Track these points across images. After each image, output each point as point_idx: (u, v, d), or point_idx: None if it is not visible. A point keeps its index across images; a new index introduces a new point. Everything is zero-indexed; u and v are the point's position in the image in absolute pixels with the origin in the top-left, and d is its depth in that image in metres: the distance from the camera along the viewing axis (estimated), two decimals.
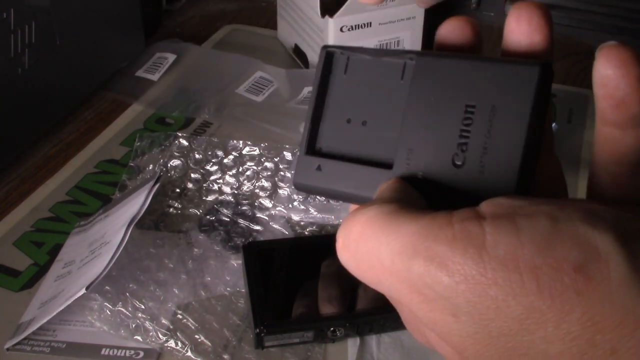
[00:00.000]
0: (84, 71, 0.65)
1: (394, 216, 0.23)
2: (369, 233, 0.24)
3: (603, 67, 0.25)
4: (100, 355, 0.43)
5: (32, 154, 0.60)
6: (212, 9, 0.86)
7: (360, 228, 0.24)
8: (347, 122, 0.30)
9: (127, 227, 0.45)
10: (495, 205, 0.23)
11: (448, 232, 0.22)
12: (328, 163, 0.29)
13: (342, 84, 0.30)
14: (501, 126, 0.26)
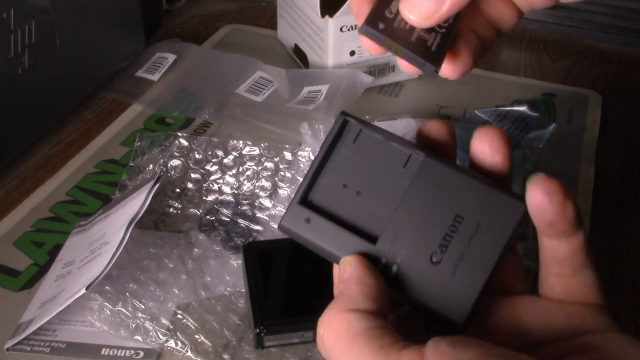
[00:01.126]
0: (84, 71, 0.65)
1: (358, 339, 0.27)
2: (339, 345, 0.28)
3: (533, 195, 0.29)
4: (100, 355, 0.43)
5: (32, 154, 0.60)
6: (212, 9, 0.86)
7: (333, 337, 0.28)
8: (343, 187, 0.32)
9: (127, 227, 0.45)
10: (438, 354, 0.26)
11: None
12: (317, 219, 0.32)
13: (348, 152, 0.32)
14: (480, 242, 0.30)
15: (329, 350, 0.28)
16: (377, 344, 0.27)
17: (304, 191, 0.32)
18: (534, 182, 0.29)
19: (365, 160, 0.32)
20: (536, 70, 0.74)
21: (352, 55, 0.67)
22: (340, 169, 0.32)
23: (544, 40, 0.80)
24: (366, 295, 0.29)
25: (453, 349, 0.26)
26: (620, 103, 0.70)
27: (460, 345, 0.26)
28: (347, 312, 0.28)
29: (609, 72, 0.75)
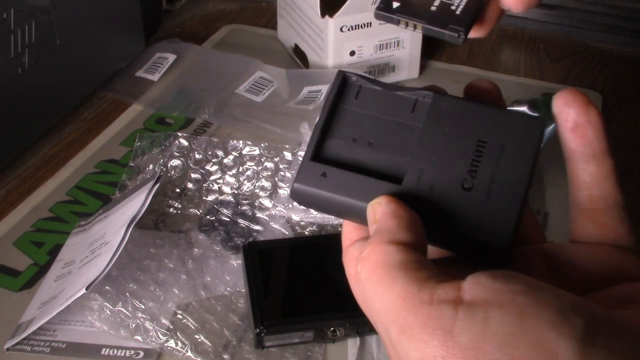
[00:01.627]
0: (84, 71, 0.65)
1: (393, 271, 0.26)
2: (373, 280, 0.26)
3: (557, 101, 0.29)
4: (100, 355, 0.43)
5: (32, 154, 0.60)
6: (212, 9, 0.86)
7: (370, 270, 0.27)
8: (353, 141, 0.30)
9: (127, 227, 0.45)
10: (477, 286, 0.25)
11: (425, 310, 0.25)
12: (334, 171, 0.29)
13: (352, 107, 0.31)
14: (508, 162, 0.28)
15: (363, 285, 0.27)
16: (413, 276, 0.26)
17: (315, 146, 0.30)
18: (558, 92, 0.29)
19: (370, 112, 0.31)
20: (536, 70, 0.74)
21: (352, 55, 0.67)
22: (347, 125, 0.31)
23: (544, 40, 0.80)
24: (404, 227, 0.27)
25: (494, 281, 0.25)
26: (620, 103, 0.70)
27: (502, 278, 0.25)
28: (385, 245, 0.27)
29: (609, 72, 0.75)
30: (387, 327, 0.26)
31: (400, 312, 0.25)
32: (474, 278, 0.25)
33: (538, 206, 0.54)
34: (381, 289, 0.26)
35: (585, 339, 0.22)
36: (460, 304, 0.24)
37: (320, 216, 0.53)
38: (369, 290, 0.27)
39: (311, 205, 0.30)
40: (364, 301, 0.27)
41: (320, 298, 0.45)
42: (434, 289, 0.25)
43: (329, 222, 0.53)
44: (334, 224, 0.53)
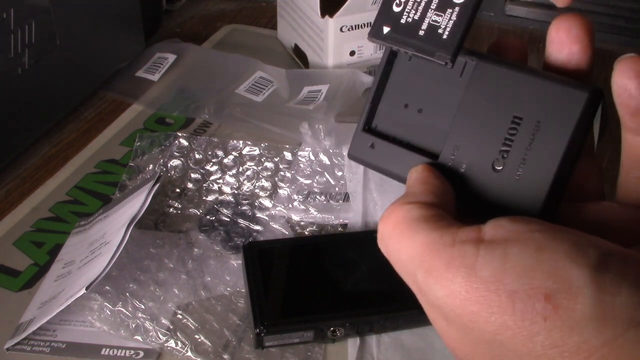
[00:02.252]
0: (84, 71, 0.65)
1: (414, 223, 0.27)
2: (395, 234, 0.28)
3: (620, 77, 0.28)
4: (100, 355, 0.43)
5: (32, 154, 0.60)
6: (212, 9, 0.86)
7: (391, 226, 0.28)
8: (405, 107, 0.32)
9: (127, 227, 0.45)
10: (497, 227, 0.26)
11: (448, 251, 0.26)
12: (381, 143, 0.32)
13: (405, 71, 0.32)
14: (542, 142, 0.28)
15: (386, 241, 0.28)
16: (434, 225, 0.27)
17: (366, 118, 0.32)
18: (622, 61, 0.27)
19: (423, 76, 0.31)
20: None
21: (352, 55, 0.67)
22: (400, 90, 0.32)
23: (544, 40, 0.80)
24: (429, 192, 0.29)
25: (513, 222, 0.26)
26: None
27: (522, 220, 0.26)
28: (406, 204, 0.28)
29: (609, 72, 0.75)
30: (414, 274, 0.27)
31: (425, 257, 0.26)
32: (495, 221, 0.26)
33: None
34: (405, 240, 0.27)
35: (598, 267, 0.24)
36: (481, 243, 0.26)
37: (320, 216, 0.53)
38: (392, 245, 0.28)
39: (365, 166, 0.33)
40: (389, 256, 0.28)
41: (320, 298, 0.45)
42: (455, 233, 0.26)
43: (329, 222, 0.53)
44: (334, 224, 0.53)
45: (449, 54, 0.29)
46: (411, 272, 0.27)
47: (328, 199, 0.54)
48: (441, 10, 0.29)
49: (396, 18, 0.30)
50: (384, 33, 0.31)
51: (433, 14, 0.29)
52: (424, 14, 0.30)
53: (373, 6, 0.64)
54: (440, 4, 0.29)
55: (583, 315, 0.23)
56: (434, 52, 0.29)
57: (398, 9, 0.30)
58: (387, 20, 0.30)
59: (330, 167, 0.57)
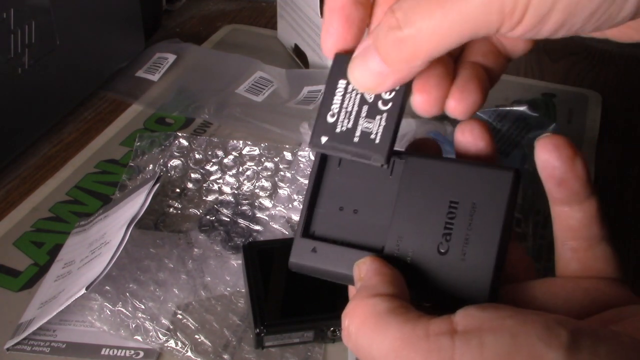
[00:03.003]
0: (84, 71, 0.65)
1: (384, 317, 0.27)
2: (365, 329, 0.27)
3: (541, 152, 0.30)
4: (100, 355, 0.43)
5: (32, 154, 0.60)
6: (212, 9, 0.86)
7: (358, 323, 0.28)
8: (340, 210, 0.33)
9: (127, 227, 0.45)
10: (468, 317, 0.26)
11: (424, 344, 0.26)
12: (323, 246, 0.32)
13: (336, 176, 0.33)
14: (480, 220, 0.30)
15: (355, 338, 0.28)
16: (403, 318, 0.27)
17: (304, 224, 0.33)
18: (541, 140, 0.29)
19: (353, 179, 0.33)
20: (536, 70, 0.74)
21: None
22: (333, 194, 0.33)
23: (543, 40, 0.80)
24: (386, 282, 0.29)
25: (482, 310, 0.26)
26: (620, 103, 0.70)
27: (490, 307, 0.26)
28: (370, 298, 0.28)
29: (609, 72, 0.75)
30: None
31: (401, 352, 0.26)
32: (464, 311, 0.26)
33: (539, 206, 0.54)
34: (376, 336, 0.27)
35: (571, 347, 0.24)
36: (455, 334, 0.25)
37: None
38: (362, 341, 0.27)
39: (311, 274, 0.33)
40: (358, 353, 0.28)
41: (320, 298, 0.45)
42: (427, 324, 0.26)
43: None
44: None
45: (383, 156, 0.31)
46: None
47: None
48: (371, 117, 0.32)
49: (332, 128, 0.32)
50: (322, 142, 0.32)
51: (364, 122, 0.32)
52: (356, 122, 0.32)
53: None
54: (370, 113, 0.32)
55: None
56: (370, 156, 0.31)
57: (332, 120, 0.32)
58: (324, 131, 0.32)
59: None
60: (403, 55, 0.28)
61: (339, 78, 0.32)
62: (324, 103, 0.33)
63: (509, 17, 0.26)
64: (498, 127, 0.60)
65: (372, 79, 0.30)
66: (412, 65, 0.29)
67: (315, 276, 0.33)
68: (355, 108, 0.32)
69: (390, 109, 0.32)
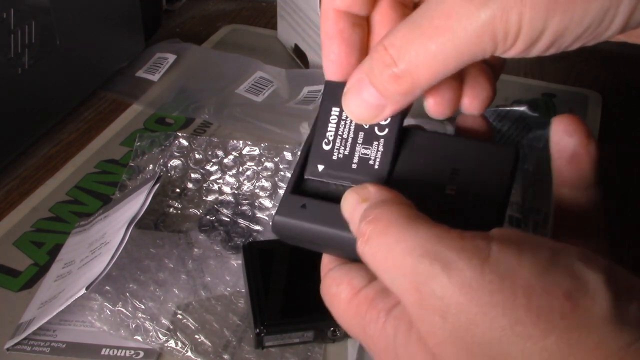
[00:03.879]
0: (84, 71, 0.65)
1: (412, 220, 0.26)
2: (391, 231, 0.26)
3: (556, 128, 0.29)
4: (100, 355, 0.43)
5: (32, 154, 0.60)
6: (212, 9, 0.86)
7: (384, 225, 0.26)
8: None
9: (127, 227, 0.45)
10: (505, 232, 0.26)
11: (458, 242, 0.25)
12: (313, 202, 0.31)
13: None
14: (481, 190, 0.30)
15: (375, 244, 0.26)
16: (434, 223, 0.26)
17: (295, 180, 0.32)
18: (558, 117, 0.29)
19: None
20: (536, 70, 0.74)
21: None
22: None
23: None
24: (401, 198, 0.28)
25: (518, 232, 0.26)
26: (620, 103, 0.70)
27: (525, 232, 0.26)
28: (394, 205, 0.27)
29: (609, 72, 0.75)
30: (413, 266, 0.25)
31: (430, 248, 0.25)
32: (500, 229, 0.26)
33: (538, 206, 0.54)
34: (402, 237, 0.26)
35: (609, 274, 0.24)
36: (492, 240, 0.25)
37: None
38: (383, 245, 0.26)
39: (292, 238, 0.31)
40: (372, 257, 0.27)
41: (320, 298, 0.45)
42: (462, 232, 0.25)
43: None
44: None
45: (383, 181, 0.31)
46: (406, 266, 0.25)
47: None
48: (368, 143, 0.31)
49: (328, 155, 0.32)
50: (319, 171, 0.31)
51: (362, 148, 0.31)
52: (353, 149, 0.32)
53: None
54: (366, 139, 0.31)
55: (600, 317, 0.23)
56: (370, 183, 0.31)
57: (328, 147, 0.32)
58: (320, 159, 0.32)
59: None
60: (401, 89, 0.28)
61: (332, 105, 0.32)
62: (318, 131, 0.32)
63: (502, 43, 0.26)
64: (498, 127, 0.60)
65: (369, 110, 0.30)
66: (411, 96, 0.29)
67: (301, 241, 0.31)
68: (351, 135, 0.32)
69: (387, 135, 0.31)
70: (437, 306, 0.24)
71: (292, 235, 0.31)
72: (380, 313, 0.28)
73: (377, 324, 0.28)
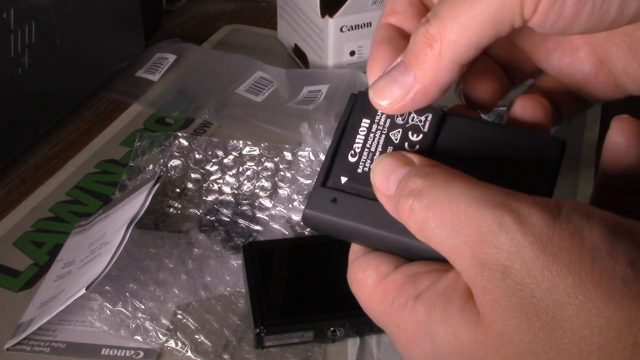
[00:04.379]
0: (84, 71, 0.65)
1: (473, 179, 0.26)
2: (454, 183, 0.25)
3: (616, 135, 0.29)
4: (100, 355, 0.43)
5: (32, 154, 0.60)
6: (212, 9, 0.86)
7: (444, 177, 0.26)
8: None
9: (127, 227, 0.45)
10: (572, 201, 0.25)
11: (530, 199, 0.24)
12: (345, 196, 0.30)
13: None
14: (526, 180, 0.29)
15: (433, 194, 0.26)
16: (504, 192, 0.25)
17: (325, 172, 0.31)
18: (617, 121, 0.29)
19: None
20: None
21: (352, 55, 0.67)
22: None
23: None
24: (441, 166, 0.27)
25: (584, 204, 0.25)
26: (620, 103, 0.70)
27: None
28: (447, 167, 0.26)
29: None
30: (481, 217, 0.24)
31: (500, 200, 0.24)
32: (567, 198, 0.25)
33: None
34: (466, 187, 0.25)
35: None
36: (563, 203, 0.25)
37: None
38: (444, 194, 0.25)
39: (323, 230, 0.30)
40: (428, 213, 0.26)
41: (320, 298, 0.45)
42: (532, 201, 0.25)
43: None
44: None
45: None
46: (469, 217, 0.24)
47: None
48: None
49: (353, 168, 0.30)
50: (342, 183, 0.30)
51: None
52: None
53: (373, 6, 0.64)
54: None
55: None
56: None
57: (353, 160, 0.30)
58: (343, 171, 0.30)
59: None
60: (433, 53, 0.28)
61: (362, 117, 0.31)
62: (345, 142, 0.31)
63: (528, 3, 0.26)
64: None
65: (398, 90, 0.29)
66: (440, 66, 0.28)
67: (332, 233, 0.30)
68: (379, 149, 0.30)
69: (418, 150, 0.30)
70: (500, 260, 0.24)
71: (323, 228, 0.30)
72: (409, 299, 0.27)
73: (405, 309, 0.27)
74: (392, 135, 0.30)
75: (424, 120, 0.31)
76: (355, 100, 0.32)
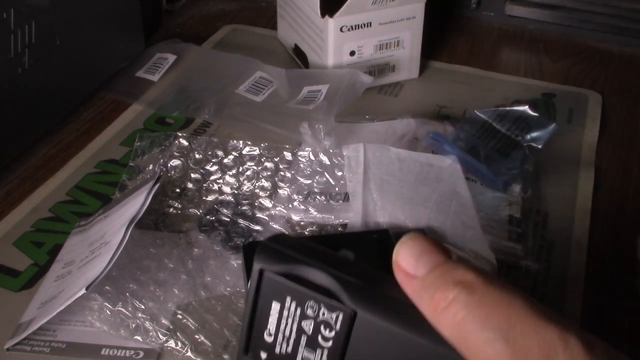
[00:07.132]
0: (84, 71, 0.65)
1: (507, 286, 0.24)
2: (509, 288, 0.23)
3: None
4: (100, 355, 0.43)
5: (32, 154, 0.60)
6: (212, 9, 0.86)
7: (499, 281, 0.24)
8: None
9: (127, 227, 0.45)
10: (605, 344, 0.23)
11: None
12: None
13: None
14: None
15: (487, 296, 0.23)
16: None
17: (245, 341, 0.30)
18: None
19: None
20: (536, 70, 0.74)
21: (352, 55, 0.67)
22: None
23: (544, 40, 0.80)
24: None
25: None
26: (620, 103, 0.70)
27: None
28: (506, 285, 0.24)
29: (609, 72, 0.75)
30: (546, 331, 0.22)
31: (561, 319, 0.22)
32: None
33: (538, 206, 0.54)
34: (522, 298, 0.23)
35: None
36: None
37: (320, 216, 0.53)
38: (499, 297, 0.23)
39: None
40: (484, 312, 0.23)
41: None
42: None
43: (329, 222, 0.53)
44: (334, 224, 0.53)
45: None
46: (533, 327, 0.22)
47: (328, 199, 0.54)
48: (311, 348, 0.29)
49: (270, 347, 0.30)
50: (262, 358, 0.30)
51: (305, 351, 0.30)
52: (296, 350, 0.30)
53: (373, 6, 0.64)
54: (309, 343, 0.29)
55: None
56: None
57: (270, 339, 0.30)
58: (263, 347, 0.30)
59: (330, 167, 0.57)
60: None
61: (272, 299, 0.29)
62: (258, 320, 0.30)
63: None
64: (498, 127, 0.60)
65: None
66: None
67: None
68: (294, 335, 0.29)
69: (332, 347, 0.29)
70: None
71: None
72: None
73: None
74: (304, 325, 0.29)
75: (334, 318, 0.29)
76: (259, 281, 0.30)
